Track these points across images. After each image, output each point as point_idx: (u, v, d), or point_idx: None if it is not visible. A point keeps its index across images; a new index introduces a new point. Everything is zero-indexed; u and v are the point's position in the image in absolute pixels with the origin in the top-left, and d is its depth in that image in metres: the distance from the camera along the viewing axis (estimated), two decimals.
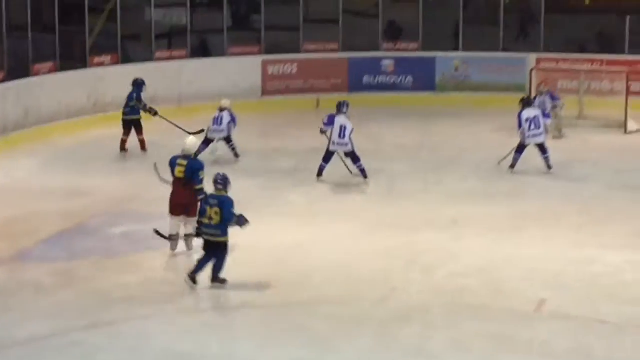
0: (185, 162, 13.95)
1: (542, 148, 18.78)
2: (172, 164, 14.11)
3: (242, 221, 12.68)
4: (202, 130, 19.73)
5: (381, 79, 26.98)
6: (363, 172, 18.10)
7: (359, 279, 13.14)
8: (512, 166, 18.73)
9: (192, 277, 12.64)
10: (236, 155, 19.72)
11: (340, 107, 18.53)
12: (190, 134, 18.04)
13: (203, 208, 12.80)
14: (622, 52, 26.53)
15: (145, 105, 20.58)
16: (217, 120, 19.59)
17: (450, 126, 23.60)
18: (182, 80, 24.69)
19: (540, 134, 18.72)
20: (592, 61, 25.80)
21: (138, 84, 20.58)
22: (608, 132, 22.64)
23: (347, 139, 18.02)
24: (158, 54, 25.28)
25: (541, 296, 12.33)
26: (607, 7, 27.95)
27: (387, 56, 27.19)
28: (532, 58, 26.08)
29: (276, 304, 12.34)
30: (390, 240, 14.64)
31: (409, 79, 27.02)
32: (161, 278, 13.34)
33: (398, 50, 27.42)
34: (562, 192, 17.67)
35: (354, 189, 17.85)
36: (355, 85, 26.77)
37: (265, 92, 26.15)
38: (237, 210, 12.61)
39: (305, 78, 26.37)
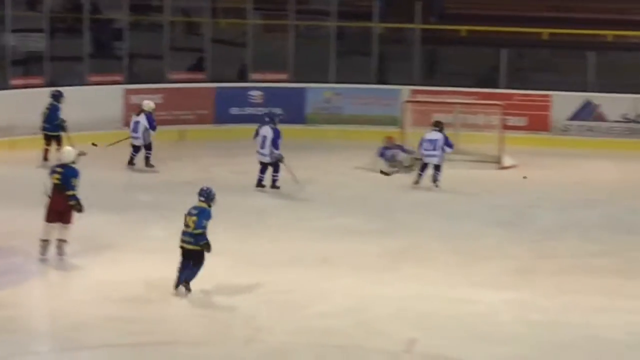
0: (61, 170, 15.06)
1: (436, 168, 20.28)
2: (51, 172, 15.22)
3: (207, 246, 13.61)
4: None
5: (249, 110, 26.85)
6: (275, 182, 19.44)
7: (222, 318, 13.02)
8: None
9: (183, 285, 13.60)
10: (149, 165, 19.56)
11: (265, 118, 19.88)
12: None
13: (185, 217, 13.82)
14: (497, 86, 27.03)
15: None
16: (134, 127, 19.48)
17: (321, 160, 23.56)
18: (39, 109, 24.24)
19: (434, 156, 20.26)
20: (467, 94, 26.12)
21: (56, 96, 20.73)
22: (483, 167, 22.95)
23: (266, 150, 19.18)
24: (14, 82, 24.76)
25: (411, 336, 12.32)
26: (482, 41, 28.46)
27: (256, 87, 27.10)
28: (405, 91, 26.31)
29: (134, 344, 12.09)
30: (257, 277, 14.47)
31: (278, 110, 26.98)
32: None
33: (267, 81, 27.39)
34: (436, 228, 17.74)
35: (220, 224, 17.70)
36: (222, 117, 26.65)
37: (127, 122, 25.83)
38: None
39: (169, 109, 26.04)
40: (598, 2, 29.61)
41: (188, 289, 13.63)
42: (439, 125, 21.04)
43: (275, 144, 19.48)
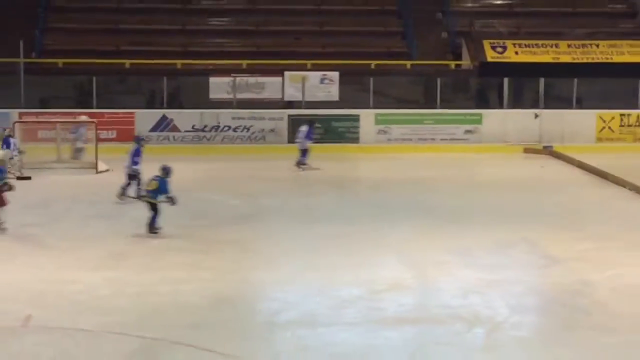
0: None
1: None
2: None
3: (174, 200, 16.28)
4: None
5: None
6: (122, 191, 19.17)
7: None
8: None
9: (152, 230, 16.05)
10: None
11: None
12: None
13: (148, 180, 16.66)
14: (91, 106, 26.69)
15: None
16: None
17: None
18: None
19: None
20: (68, 114, 25.57)
21: None
22: (83, 173, 22.53)
23: (127, 162, 19.31)
24: None
25: (27, 313, 11.82)
26: (77, 71, 28.10)
27: None
28: (14, 113, 25.33)
29: None
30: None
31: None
32: None
33: None
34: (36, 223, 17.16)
35: None
36: None
37: None
38: None
39: None
40: (167, 37, 30.19)
41: (155, 231, 16.02)
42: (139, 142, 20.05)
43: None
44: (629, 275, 14.00)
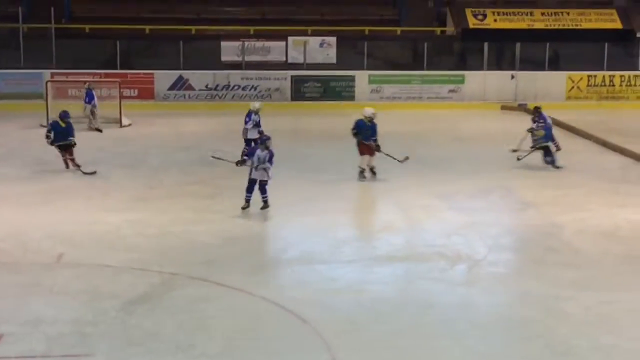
0: None
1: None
2: None
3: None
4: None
5: None
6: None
7: None
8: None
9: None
10: None
11: None
12: None
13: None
14: (115, 68, 26.47)
15: None
16: None
17: None
18: None
19: None
20: (94, 74, 25.38)
21: None
22: (109, 126, 22.35)
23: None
24: None
25: (60, 251, 11.81)
26: (102, 35, 27.88)
27: None
28: (47, 73, 25.06)
29: None
30: None
31: None
32: None
33: None
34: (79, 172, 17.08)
35: None
36: None
37: None
38: None
39: None
40: (183, 5, 30.16)
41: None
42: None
43: None
44: (592, 218, 13.99)
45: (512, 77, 27.47)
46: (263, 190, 13.75)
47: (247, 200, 13.85)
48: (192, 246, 12.28)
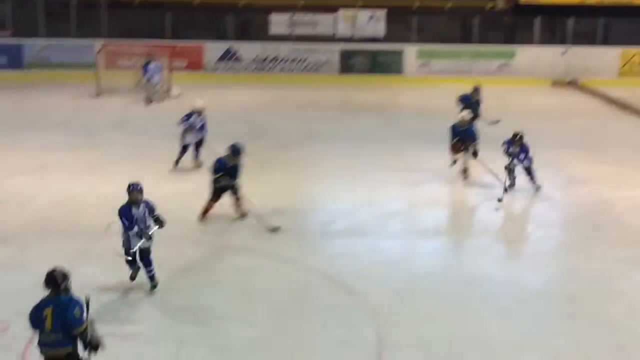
0: None
1: None
2: None
3: None
4: None
5: None
6: None
7: None
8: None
9: None
10: None
11: None
12: None
13: None
14: (164, 38, 26.62)
15: None
16: None
17: (42, 96, 22.46)
18: None
19: None
20: (145, 45, 25.48)
21: None
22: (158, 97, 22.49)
23: None
24: None
25: (109, 220, 11.90)
26: (152, 6, 27.90)
27: None
28: (98, 43, 25.31)
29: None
30: None
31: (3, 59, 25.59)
32: None
33: None
34: (123, 142, 17.24)
35: None
36: None
37: None
38: None
39: None
40: None
41: None
42: None
43: None
44: None
45: (563, 52, 27.05)
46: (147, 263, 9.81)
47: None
48: (241, 217, 12.35)
